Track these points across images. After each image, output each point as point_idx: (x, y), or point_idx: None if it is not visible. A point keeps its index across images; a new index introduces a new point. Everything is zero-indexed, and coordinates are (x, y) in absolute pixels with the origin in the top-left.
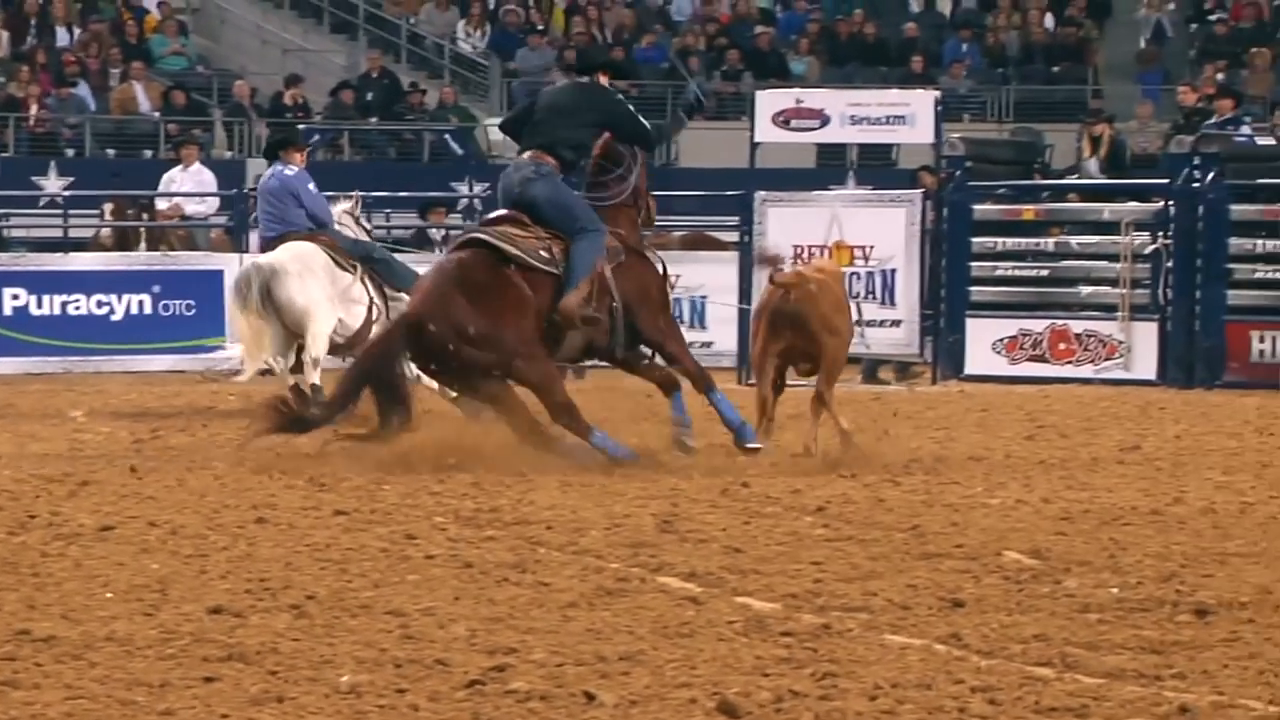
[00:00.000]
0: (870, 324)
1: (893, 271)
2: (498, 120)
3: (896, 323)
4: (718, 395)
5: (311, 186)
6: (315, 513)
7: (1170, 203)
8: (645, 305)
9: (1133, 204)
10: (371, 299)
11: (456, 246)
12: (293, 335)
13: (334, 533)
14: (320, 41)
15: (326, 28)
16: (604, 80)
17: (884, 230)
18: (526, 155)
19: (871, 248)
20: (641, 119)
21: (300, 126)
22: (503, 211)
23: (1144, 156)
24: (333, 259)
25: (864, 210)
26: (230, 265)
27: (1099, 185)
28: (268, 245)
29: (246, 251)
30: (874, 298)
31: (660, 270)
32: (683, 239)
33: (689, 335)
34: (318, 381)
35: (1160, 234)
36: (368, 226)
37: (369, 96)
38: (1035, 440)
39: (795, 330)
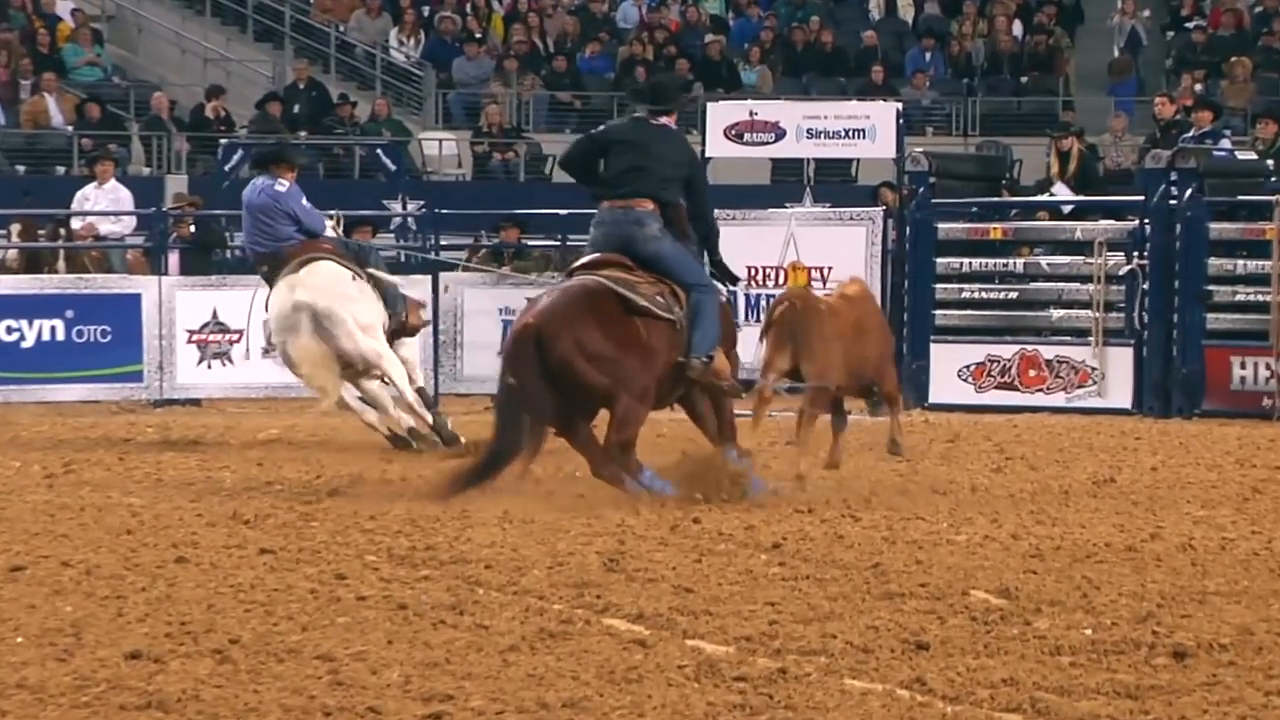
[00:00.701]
0: None
1: None
2: (436, 134)
3: None
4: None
5: (305, 202)
6: (239, 551)
7: (1146, 221)
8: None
9: (1106, 222)
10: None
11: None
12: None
13: (259, 572)
14: (244, 51)
15: (250, 36)
16: (672, 123)
17: (843, 250)
18: (631, 203)
19: (830, 269)
20: (709, 205)
21: (222, 141)
22: (597, 255)
23: (1118, 172)
24: (353, 272)
25: (822, 229)
26: (148, 289)
27: (1070, 202)
28: (259, 260)
29: (166, 273)
30: None
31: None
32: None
33: None
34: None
35: (1135, 254)
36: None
37: (296, 109)
38: (1004, 472)
39: (797, 346)
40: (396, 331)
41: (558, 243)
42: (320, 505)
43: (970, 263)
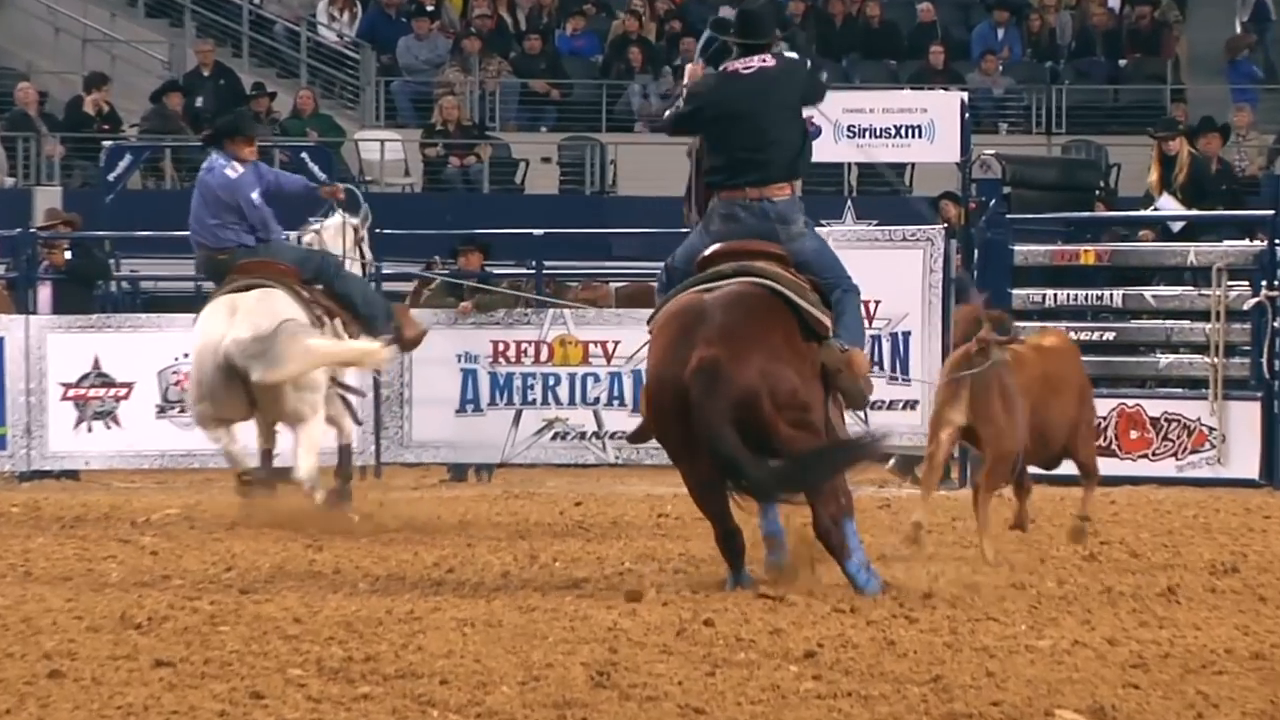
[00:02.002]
0: (875, 406)
1: (906, 335)
2: (376, 134)
3: (912, 404)
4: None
5: (256, 196)
6: (129, 663)
7: (1276, 242)
8: None
9: (1227, 244)
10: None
11: (714, 275)
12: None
13: (154, 690)
14: (133, 30)
15: (141, 11)
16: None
17: (894, 279)
18: (764, 192)
19: (878, 303)
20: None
21: (106, 143)
22: (734, 243)
23: (1241, 180)
24: (302, 304)
25: (867, 253)
26: (12, 331)
27: (1182, 218)
28: (198, 253)
29: (34, 312)
30: (880, 369)
31: None
32: (620, 292)
33: (631, 421)
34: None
35: (1264, 284)
36: (369, 257)
37: (199, 102)
38: (1098, 560)
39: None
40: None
41: (531, 270)
42: (231, 605)
43: (1055, 295)
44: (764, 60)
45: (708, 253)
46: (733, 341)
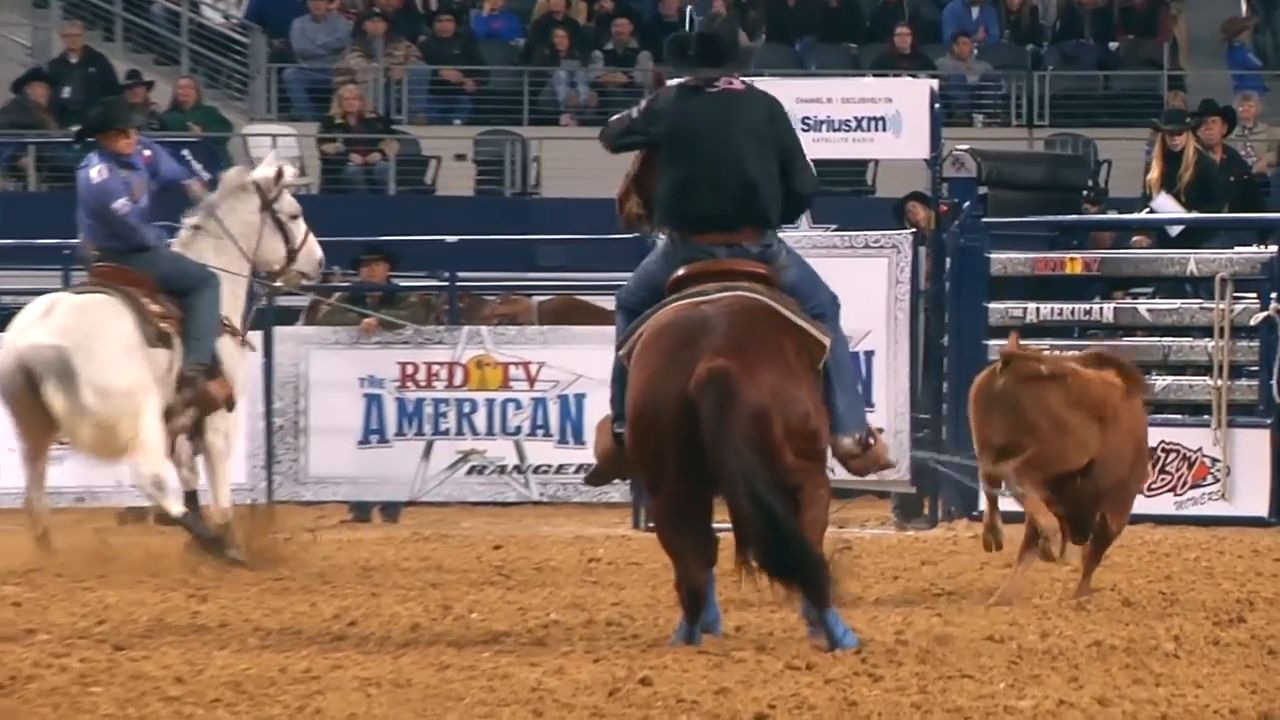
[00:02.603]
0: None
1: (869, 355)
2: (267, 129)
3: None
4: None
5: (121, 203)
6: None
7: None
8: None
9: (1233, 251)
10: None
11: (698, 293)
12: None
13: None
14: None
15: None
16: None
17: (855, 292)
18: (734, 239)
19: None
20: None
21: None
22: (718, 264)
23: (1251, 175)
24: (139, 318)
25: (824, 262)
26: None
27: (1181, 221)
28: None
29: None
30: None
31: None
32: (544, 306)
33: (557, 454)
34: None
35: (1274, 295)
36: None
37: (66, 92)
38: (1087, 610)
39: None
40: (192, 402)
41: (444, 282)
42: (104, 662)
43: (1038, 309)
44: (729, 83)
45: (681, 273)
46: (743, 353)
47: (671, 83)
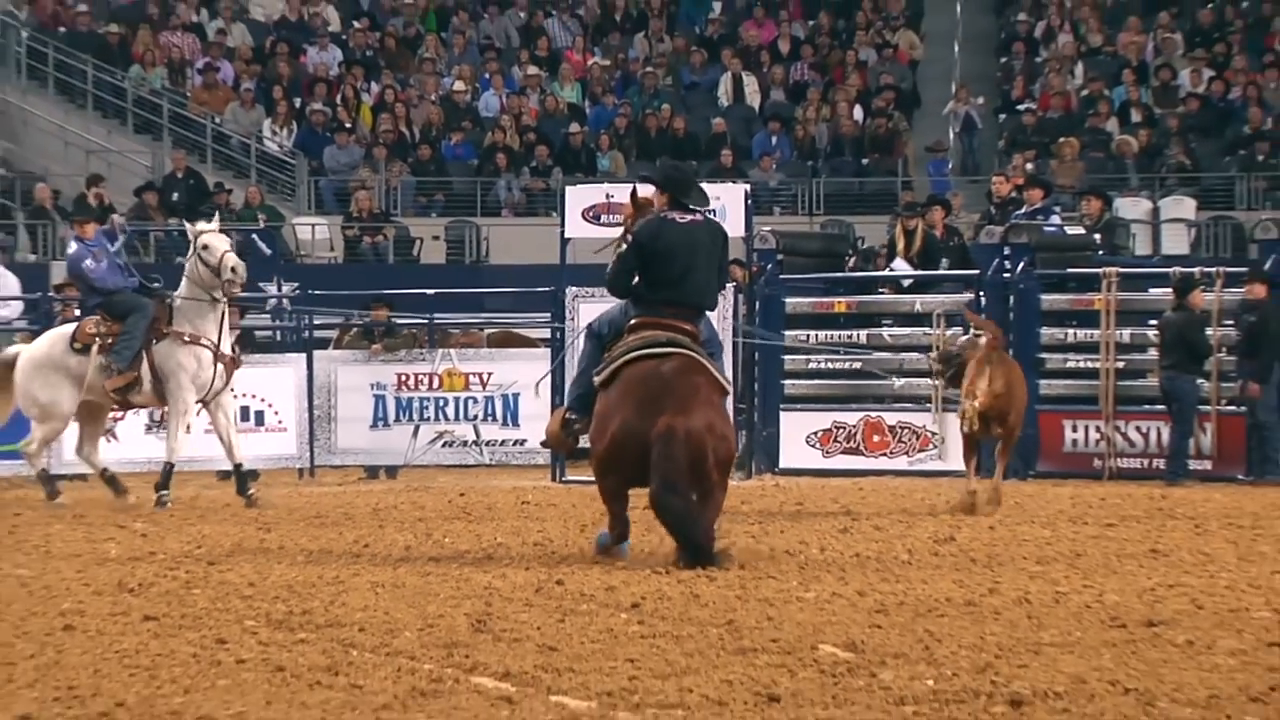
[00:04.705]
0: None
1: None
2: (308, 219)
3: None
4: None
5: (89, 263)
6: (124, 619)
7: (981, 293)
8: None
9: (944, 295)
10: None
11: (661, 353)
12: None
13: (143, 639)
14: (124, 142)
15: (130, 128)
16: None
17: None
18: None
19: None
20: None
21: (102, 227)
22: (662, 319)
23: (962, 246)
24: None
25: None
26: None
27: (910, 276)
28: None
29: None
30: None
31: None
32: (491, 336)
33: (500, 433)
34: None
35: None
36: (226, 267)
37: (174, 197)
38: (850, 533)
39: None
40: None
41: (425, 321)
42: (201, 574)
43: (817, 334)
44: (694, 218)
45: (635, 321)
46: (688, 410)
47: (648, 217)
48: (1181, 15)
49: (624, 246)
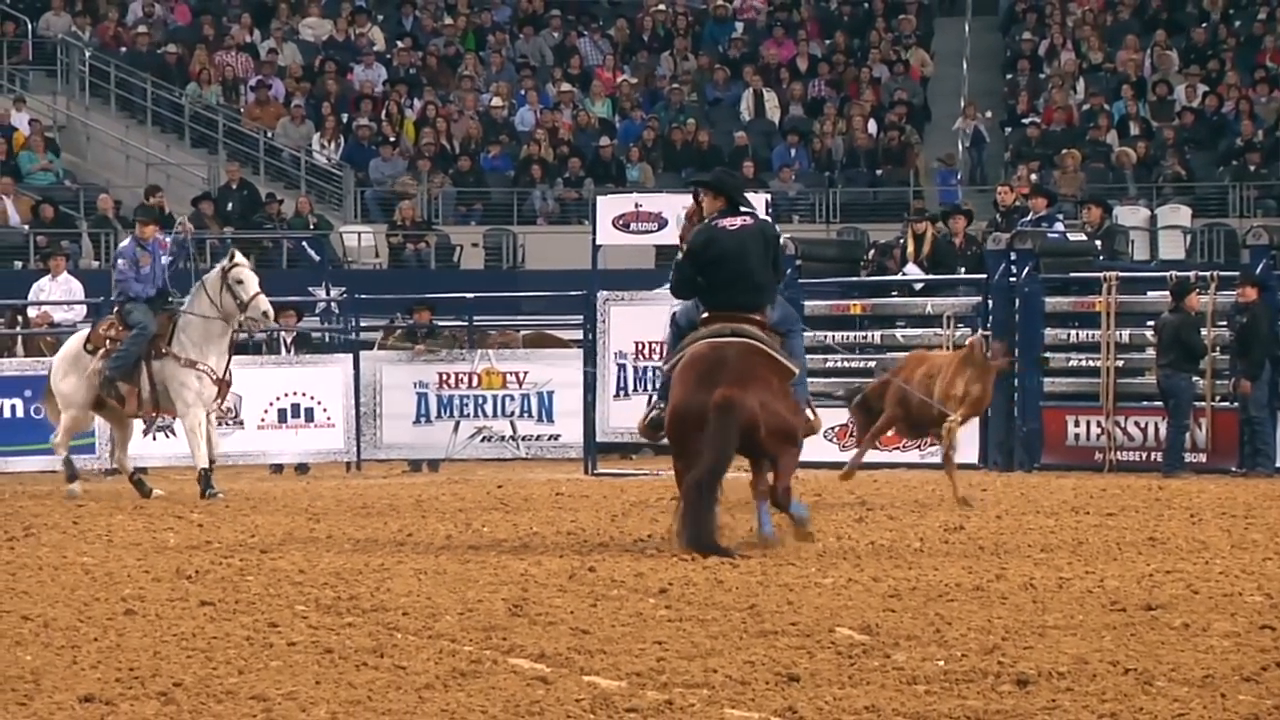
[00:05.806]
0: None
1: None
2: (355, 228)
3: None
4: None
5: (121, 262)
6: (182, 604)
7: (988, 297)
8: None
9: (954, 298)
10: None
11: (716, 331)
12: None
13: (200, 622)
14: (181, 155)
15: (188, 142)
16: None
17: None
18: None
19: None
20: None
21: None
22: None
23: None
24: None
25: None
26: None
27: (920, 280)
28: None
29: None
30: None
31: None
32: (526, 337)
33: (536, 428)
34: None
35: (980, 326)
36: (247, 299)
37: (229, 206)
38: (865, 522)
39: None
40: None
41: (465, 323)
42: (254, 561)
43: (834, 335)
44: (745, 221)
45: (705, 315)
46: (743, 383)
47: (699, 226)
48: (1177, 34)
49: (679, 256)
